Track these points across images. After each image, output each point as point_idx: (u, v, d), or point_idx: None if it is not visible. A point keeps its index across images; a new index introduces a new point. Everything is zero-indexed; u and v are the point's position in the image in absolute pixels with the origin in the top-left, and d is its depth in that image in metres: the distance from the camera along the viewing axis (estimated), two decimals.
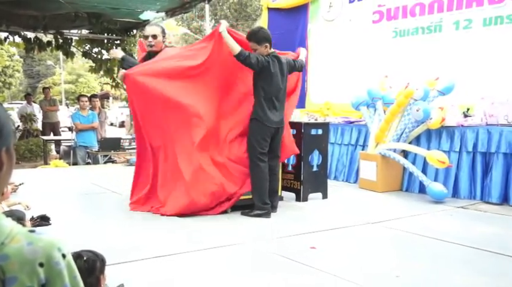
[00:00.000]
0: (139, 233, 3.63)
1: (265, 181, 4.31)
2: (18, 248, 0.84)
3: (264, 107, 4.22)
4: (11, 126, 0.91)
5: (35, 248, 0.86)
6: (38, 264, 0.85)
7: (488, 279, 2.73)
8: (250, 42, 4.23)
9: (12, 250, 0.84)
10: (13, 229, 0.87)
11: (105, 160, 8.34)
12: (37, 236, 0.88)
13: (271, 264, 2.97)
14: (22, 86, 36.62)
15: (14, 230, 0.87)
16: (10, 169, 0.91)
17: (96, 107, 9.25)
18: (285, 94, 4.45)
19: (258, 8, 23.18)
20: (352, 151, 6.41)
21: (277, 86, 4.26)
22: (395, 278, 2.73)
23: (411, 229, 3.85)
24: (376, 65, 6.64)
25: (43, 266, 0.85)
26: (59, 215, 3.99)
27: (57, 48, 11.41)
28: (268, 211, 4.27)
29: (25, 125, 11.37)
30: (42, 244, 0.87)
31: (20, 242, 0.85)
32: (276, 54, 4.33)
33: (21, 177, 5.58)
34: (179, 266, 2.90)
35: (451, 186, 5.19)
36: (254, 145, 4.27)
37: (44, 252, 0.86)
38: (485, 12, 5.65)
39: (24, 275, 0.83)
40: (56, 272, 0.87)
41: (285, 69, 4.35)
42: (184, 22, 26.76)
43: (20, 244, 0.85)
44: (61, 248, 0.89)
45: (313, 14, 7.83)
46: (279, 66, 4.28)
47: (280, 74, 4.28)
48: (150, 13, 10.02)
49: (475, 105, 5.39)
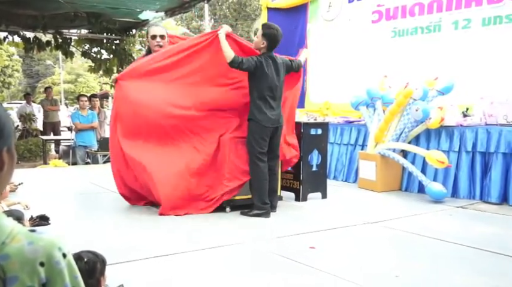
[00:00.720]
0: (138, 233, 3.63)
1: (264, 181, 4.31)
2: (19, 248, 0.84)
3: (260, 107, 4.22)
4: (12, 126, 0.91)
5: (35, 248, 0.86)
6: (38, 263, 0.85)
7: (487, 279, 2.73)
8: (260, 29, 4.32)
9: (13, 249, 0.84)
10: (14, 228, 0.87)
11: (105, 159, 8.32)
12: (38, 236, 0.88)
13: (270, 264, 2.97)
14: (21, 86, 36.62)
15: (14, 230, 0.87)
16: (11, 168, 0.91)
17: (96, 107, 9.26)
18: (282, 93, 4.43)
19: (257, 7, 23.21)
20: (352, 151, 6.42)
21: (271, 86, 4.25)
22: (394, 278, 2.73)
23: (410, 228, 3.86)
24: (375, 64, 6.65)
25: (44, 265, 0.85)
26: (58, 214, 4.00)
27: (56, 48, 11.42)
28: (267, 211, 4.28)
29: (24, 124, 11.38)
30: (42, 243, 0.87)
31: (20, 242, 0.85)
32: (271, 54, 4.31)
33: (20, 177, 5.58)
34: (178, 266, 2.90)
35: (450, 186, 5.19)
36: (253, 145, 4.27)
37: (44, 251, 0.86)
38: (484, 12, 5.66)
39: (24, 274, 0.83)
40: (57, 272, 0.87)
41: (280, 69, 4.34)
42: (183, 22, 26.80)
43: (20, 243, 0.85)
44: (61, 247, 0.89)
45: (312, 14, 7.84)
46: (273, 65, 4.27)
47: (275, 74, 4.27)
48: (149, 13, 10.03)
49: (474, 105, 5.40)
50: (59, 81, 34.38)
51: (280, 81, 4.36)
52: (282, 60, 4.41)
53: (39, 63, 38.17)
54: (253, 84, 4.26)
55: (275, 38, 4.26)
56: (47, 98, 11.77)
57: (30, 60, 35.49)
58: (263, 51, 4.30)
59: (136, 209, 4.46)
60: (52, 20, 10.15)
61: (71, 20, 10.21)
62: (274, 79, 4.27)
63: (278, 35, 4.28)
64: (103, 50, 11.77)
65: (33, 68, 38.25)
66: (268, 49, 4.29)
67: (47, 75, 37.81)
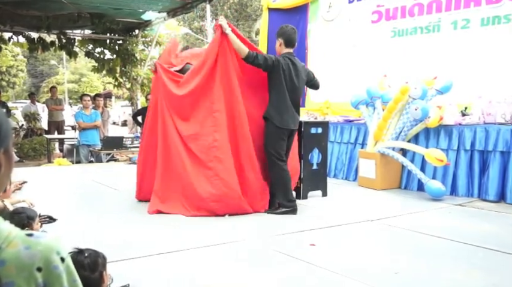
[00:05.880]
0: (139, 231, 3.67)
1: (287, 179, 4.32)
2: (15, 253, 0.83)
3: (276, 107, 4.23)
4: (9, 127, 0.89)
5: (32, 253, 0.84)
6: (35, 269, 0.84)
7: (485, 275, 2.77)
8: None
9: (9, 254, 0.83)
10: (11, 232, 0.86)
11: (108, 158, 8.42)
12: (35, 240, 0.86)
13: (271, 261, 3.00)
14: (26, 86, 36.77)
15: (11, 234, 0.85)
16: (9, 169, 0.89)
17: (100, 106, 9.32)
18: (300, 96, 4.45)
19: (258, 8, 23.22)
20: (352, 149, 6.47)
21: (289, 87, 4.24)
22: (394, 274, 2.76)
23: (410, 226, 3.89)
24: (375, 64, 6.69)
25: (41, 270, 0.84)
26: (62, 212, 4.04)
27: (60, 48, 11.50)
28: (294, 208, 4.29)
29: (29, 124, 11.46)
30: (40, 247, 0.85)
31: (17, 247, 0.84)
32: (291, 56, 4.31)
33: (25, 175, 5.66)
34: (179, 263, 2.94)
35: (449, 184, 5.24)
36: (271, 146, 4.26)
37: (42, 256, 0.85)
38: (483, 12, 5.70)
39: (21, 280, 0.82)
40: (55, 276, 0.86)
41: (301, 73, 4.34)
42: (185, 22, 26.85)
43: (17, 248, 0.84)
44: (60, 251, 0.88)
45: (312, 14, 7.89)
46: (293, 67, 4.27)
47: (294, 76, 4.26)
48: (152, 13, 10.10)
49: (472, 104, 5.43)
50: (63, 81, 34.52)
51: (300, 84, 4.35)
52: (303, 66, 4.43)
53: (44, 63, 38.33)
54: (271, 83, 4.27)
55: (286, 33, 4.30)
56: (52, 98, 11.86)
57: (34, 60, 35.64)
58: (283, 51, 4.32)
59: (138, 207, 4.50)
60: (56, 21, 10.23)
61: (75, 21, 10.29)
62: (293, 81, 4.26)
63: (288, 29, 4.32)
64: (106, 50, 11.85)
65: (38, 68, 38.41)
66: (286, 46, 4.31)
67: (51, 75, 37.96)
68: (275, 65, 4.18)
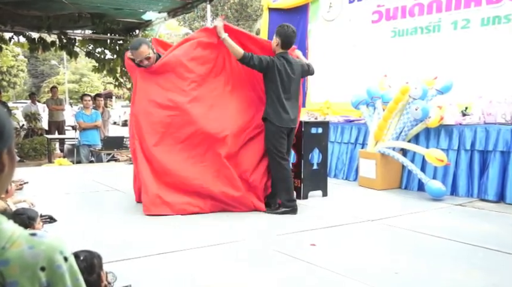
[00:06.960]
0: (139, 231, 3.67)
1: (289, 179, 4.34)
2: (19, 253, 0.84)
3: (274, 107, 4.25)
4: (12, 127, 0.89)
5: (36, 252, 0.85)
6: (39, 268, 0.84)
7: (485, 275, 2.77)
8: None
9: (13, 254, 0.83)
10: (14, 232, 0.86)
11: (108, 158, 8.43)
12: (38, 240, 0.87)
13: (271, 261, 3.00)
14: (26, 86, 36.84)
15: (15, 234, 0.86)
16: (12, 169, 0.90)
17: (100, 106, 9.33)
18: (297, 94, 4.46)
19: (259, 8, 23.24)
20: (352, 149, 6.47)
21: (285, 86, 4.27)
22: (394, 274, 2.76)
23: (410, 226, 3.89)
24: (375, 64, 6.69)
25: (45, 270, 0.85)
26: (62, 212, 4.06)
27: (61, 48, 11.49)
28: (294, 208, 4.30)
29: (29, 124, 11.47)
30: (43, 247, 0.86)
31: (20, 246, 0.84)
32: (286, 55, 4.33)
33: (26, 175, 5.67)
34: (179, 263, 2.95)
35: (449, 184, 5.24)
36: (273, 145, 4.29)
37: (45, 255, 0.85)
38: (483, 12, 5.70)
39: (25, 279, 0.83)
40: (58, 276, 0.86)
41: (295, 70, 4.35)
42: (186, 22, 26.88)
43: (20, 248, 0.84)
44: (63, 251, 0.89)
45: (313, 14, 7.89)
46: (288, 66, 4.28)
47: (290, 74, 4.28)
48: (152, 13, 10.09)
49: (473, 104, 5.44)
50: (64, 81, 34.57)
51: (296, 82, 4.36)
52: (298, 62, 4.43)
53: (44, 63, 38.39)
54: (268, 84, 4.29)
55: (285, 34, 4.27)
56: (52, 98, 11.86)
57: (35, 60, 35.71)
58: (278, 50, 4.32)
59: (138, 207, 4.48)
60: (56, 21, 10.23)
61: (75, 21, 10.29)
62: (290, 80, 4.28)
63: (289, 31, 4.29)
64: (107, 50, 11.85)
65: (38, 68, 38.47)
66: (282, 47, 4.31)
67: (52, 75, 38.02)
68: (270, 66, 4.20)
